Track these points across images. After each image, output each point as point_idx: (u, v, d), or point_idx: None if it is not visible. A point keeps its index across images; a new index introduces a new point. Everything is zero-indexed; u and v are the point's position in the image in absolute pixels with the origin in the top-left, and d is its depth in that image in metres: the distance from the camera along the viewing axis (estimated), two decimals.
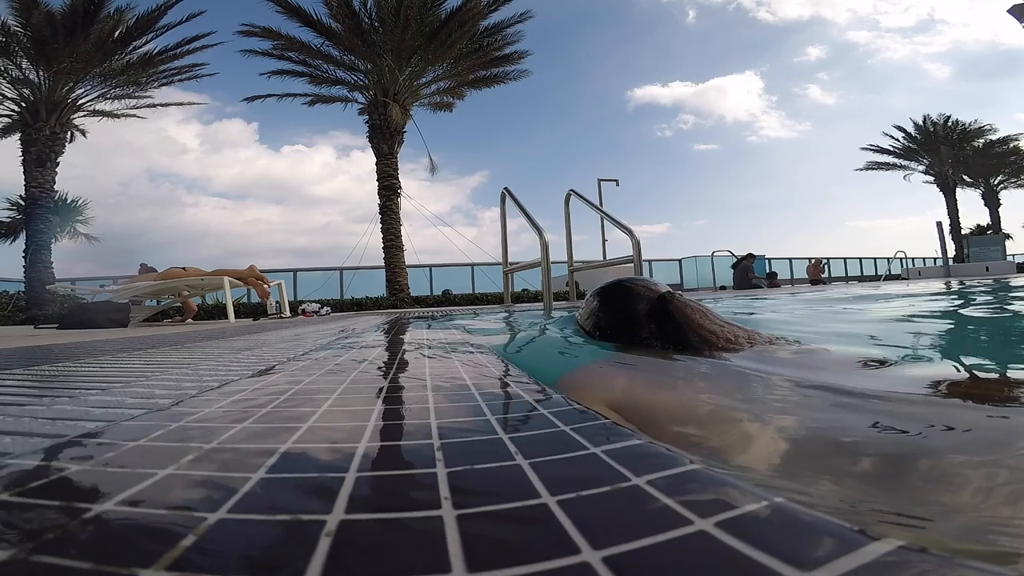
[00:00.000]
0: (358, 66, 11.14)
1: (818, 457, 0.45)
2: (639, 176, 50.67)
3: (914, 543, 0.19)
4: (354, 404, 0.50)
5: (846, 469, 0.42)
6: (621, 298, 1.02)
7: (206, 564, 0.19)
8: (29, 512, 0.25)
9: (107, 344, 1.73)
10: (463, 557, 0.19)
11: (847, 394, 0.61)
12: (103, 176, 31.50)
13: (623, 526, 0.22)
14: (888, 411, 0.57)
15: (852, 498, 0.36)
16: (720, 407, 0.61)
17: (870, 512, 0.32)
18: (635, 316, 0.97)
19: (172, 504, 0.25)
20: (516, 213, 4.01)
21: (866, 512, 0.32)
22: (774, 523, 0.21)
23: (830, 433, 0.52)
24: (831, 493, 0.36)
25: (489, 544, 0.20)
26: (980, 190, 20.84)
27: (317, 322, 3.67)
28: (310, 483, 0.28)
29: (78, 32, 8.88)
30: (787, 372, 0.74)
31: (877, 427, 0.52)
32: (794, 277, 14.67)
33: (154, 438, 0.39)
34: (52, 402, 0.60)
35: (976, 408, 0.62)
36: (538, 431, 0.37)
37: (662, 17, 49.46)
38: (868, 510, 0.32)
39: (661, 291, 0.99)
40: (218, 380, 0.71)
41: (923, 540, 0.20)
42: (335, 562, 0.19)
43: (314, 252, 46.20)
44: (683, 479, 0.27)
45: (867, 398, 0.60)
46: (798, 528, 0.21)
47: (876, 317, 2.22)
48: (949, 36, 49.11)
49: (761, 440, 0.53)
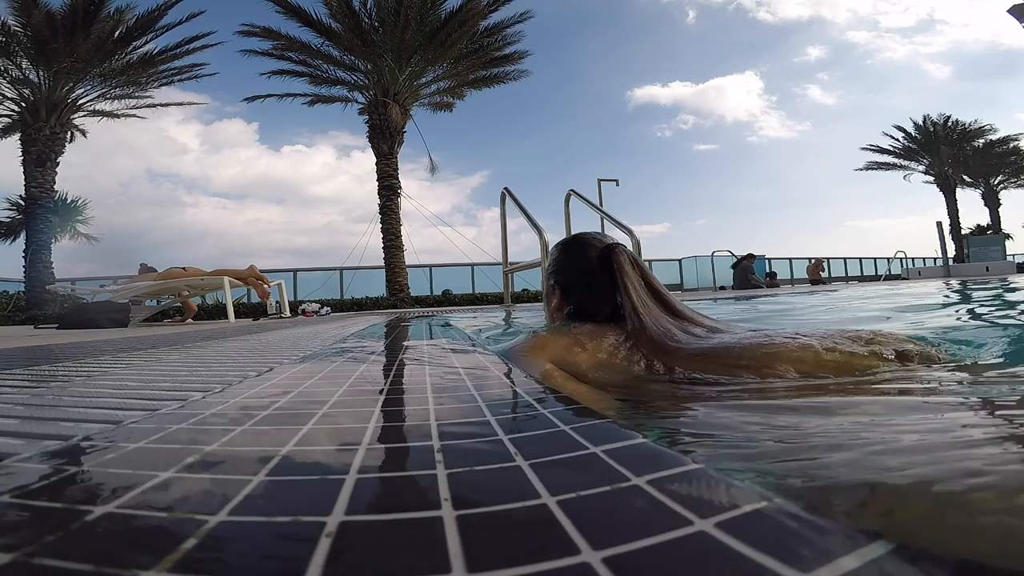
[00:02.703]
0: (358, 66, 11.14)
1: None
2: (639, 176, 50.78)
3: (913, 543, 0.19)
4: (355, 405, 0.50)
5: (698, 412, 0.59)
6: (580, 245, 1.07)
7: (207, 566, 0.19)
8: (30, 514, 0.25)
9: (107, 344, 1.73)
10: (463, 557, 0.19)
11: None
12: (103, 176, 31.55)
13: (623, 526, 0.22)
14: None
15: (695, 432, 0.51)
16: (612, 364, 0.84)
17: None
18: (590, 265, 1.01)
19: (173, 506, 0.25)
20: (516, 213, 4.02)
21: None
22: (774, 524, 0.21)
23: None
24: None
25: (489, 544, 0.20)
26: (980, 190, 20.85)
27: (317, 322, 3.67)
28: (311, 484, 0.28)
29: (78, 32, 8.88)
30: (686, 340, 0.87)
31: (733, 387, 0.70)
32: (794, 277, 14.67)
33: (155, 440, 0.39)
34: (52, 403, 0.60)
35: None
36: (537, 431, 0.37)
37: (662, 17, 49.55)
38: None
39: (609, 243, 1.03)
40: (218, 381, 0.71)
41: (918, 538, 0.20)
42: (336, 563, 0.19)
43: (314, 252, 46.29)
44: (684, 479, 0.27)
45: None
46: (798, 529, 0.21)
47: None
48: (949, 36, 49.22)
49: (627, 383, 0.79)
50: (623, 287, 0.93)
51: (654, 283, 0.98)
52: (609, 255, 0.98)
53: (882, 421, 0.46)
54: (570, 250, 1.08)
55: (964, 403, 0.58)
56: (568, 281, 1.06)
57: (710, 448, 0.43)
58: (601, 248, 1.01)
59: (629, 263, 0.97)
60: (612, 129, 48.63)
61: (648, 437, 0.35)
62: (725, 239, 43.63)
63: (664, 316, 0.93)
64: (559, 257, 1.10)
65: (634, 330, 0.89)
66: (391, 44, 10.40)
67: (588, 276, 1.00)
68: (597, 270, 0.98)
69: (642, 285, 0.95)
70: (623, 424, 0.38)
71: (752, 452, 0.40)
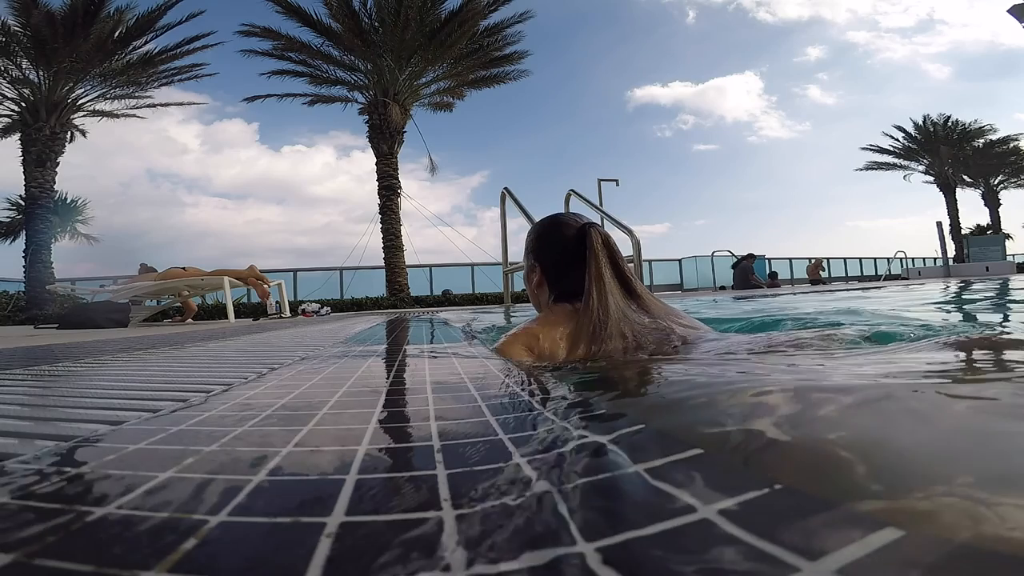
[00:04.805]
0: (358, 66, 11.15)
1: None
2: (639, 176, 50.80)
3: (919, 532, 0.19)
4: (355, 407, 0.50)
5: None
6: (556, 224, 1.11)
7: (207, 566, 0.19)
8: (30, 515, 0.25)
9: (107, 344, 1.73)
10: (464, 556, 0.19)
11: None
12: (103, 176, 31.57)
13: (623, 516, 0.22)
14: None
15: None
16: (554, 355, 0.92)
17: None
18: (568, 243, 1.05)
19: (173, 507, 0.25)
20: (516, 213, 4.02)
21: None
22: (778, 510, 0.21)
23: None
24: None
25: (489, 541, 0.20)
26: (980, 190, 20.86)
27: (317, 322, 3.67)
28: (311, 485, 0.28)
29: (78, 32, 8.88)
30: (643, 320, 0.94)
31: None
32: (794, 277, 14.66)
33: (155, 440, 0.39)
34: (52, 403, 0.60)
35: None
36: (537, 426, 0.37)
37: (662, 17, 49.56)
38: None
39: (584, 222, 1.07)
40: (218, 382, 0.71)
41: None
42: (336, 563, 0.19)
43: (314, 252, 46.32)
44: (685, 466, 0.27)
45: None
46: (802, 516, 0.21)
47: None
48: (949, 36, 49.23)
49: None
50: (588, 267, 0.98)
51: (622, 266, 1.02)
52: (583, 234, 1.02)
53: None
54: (547, 229, 1.13)
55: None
56: (546, 259, 1.10)
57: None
58: (576, 228, 1.05)
59: (601, 243, 1.00)
60: (612, 129, 48.72)
61: (650, 428, 0.35)
62: (725, 239, 43.67)
63: (625, 301, 0.97)
64: (537, 236, 1.14)
65: (584, 311, 0.94)
66: (391, 44, 10.40)
67: (565, 254, 1.04)
68: (573, 248, 1.02)
69: (608, 266, 0.99)
70: (625, 419, 0.38)
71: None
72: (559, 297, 1.06)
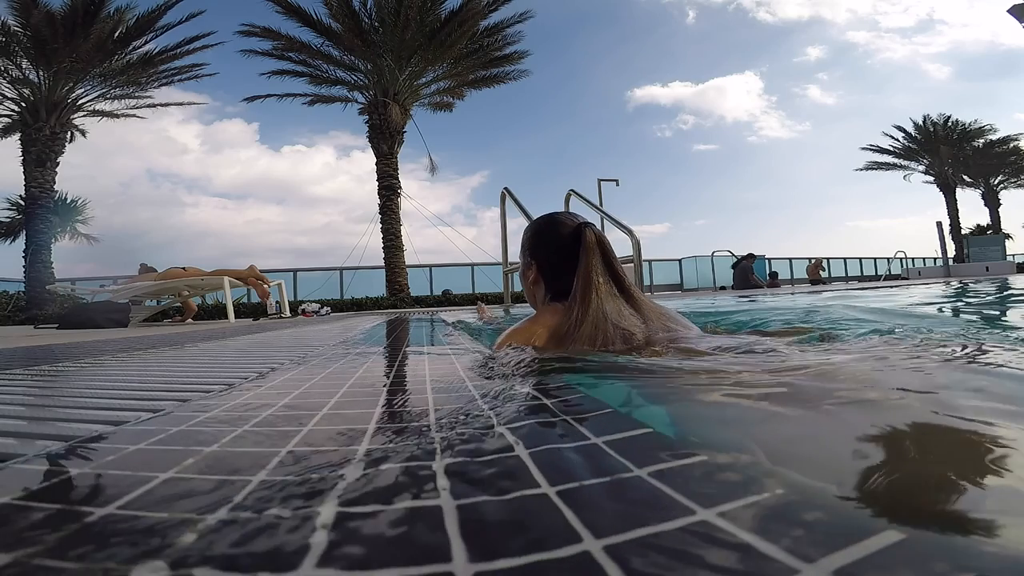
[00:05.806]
0: (358, 66, 11.14)
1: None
2: (639, 176, 50.80)
3: (916, 535, 0.19)
4: (355, 406, 0.50)
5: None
6: (553, 223, 1.13)
7: (207, 563, 0.19)
8: (30, 515, 0.25)
9: (107, 344, 1.73)
10: (464, 548, 0.19)
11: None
12: (103, 176, 31.57)
13: (625, 516, 0.22)
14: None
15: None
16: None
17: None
18: (563, 241, 1.07)
19: (174, 507, 0.25)
20: (516, 213, 4.01)
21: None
22: (777, 513, 0.21)
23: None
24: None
25: (489, 535, 0.20)
26: (980, 190, 20.85)
27: (317, 322, 3.67)
28: (312, 485, 0.28)
29: (78, 32, 8.88)
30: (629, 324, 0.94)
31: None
32: (794, 277, 14.66)
33: (155, 440, 0.39)
34: (52, 403, 0.61)
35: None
36: (538, 422, 0.37)
37: (662, 17, 49.58)
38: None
39: (580, 221, 1.08)
40: (219, 381, 0.71)
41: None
42: (334, 557, 0.19)
43: (314, 252, 46.33)
44: (686, 469, 0.27)
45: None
46: (801, 518, 0.21)
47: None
48: (949, 36, 49.23)
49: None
50: (581, 265, 0.99)
51: (616, 267, 1.02)
52: (579, 233, 1.04)
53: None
54: (544, 227, 1.14)
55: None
56: (543, 257, 1.12)
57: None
58: (573, 227, 1.06)
59: (595, 242, 1.01)
60: (612, 129, 48.69)
61: (651, 428, 0.35)
62: (725, 239, 43.68)
63: (617, 301, 0.98)
64: (534, 234, 1.16)
65: (568, 309, 0.95)
66: (391, 44, 10.40)
67: (561, 252, 1.05)
68: (569, 247, 1.03)
69: (601, 266, 1.00)
70: (626, 414, 0.38)
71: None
72: (555, 295, 1.06)
